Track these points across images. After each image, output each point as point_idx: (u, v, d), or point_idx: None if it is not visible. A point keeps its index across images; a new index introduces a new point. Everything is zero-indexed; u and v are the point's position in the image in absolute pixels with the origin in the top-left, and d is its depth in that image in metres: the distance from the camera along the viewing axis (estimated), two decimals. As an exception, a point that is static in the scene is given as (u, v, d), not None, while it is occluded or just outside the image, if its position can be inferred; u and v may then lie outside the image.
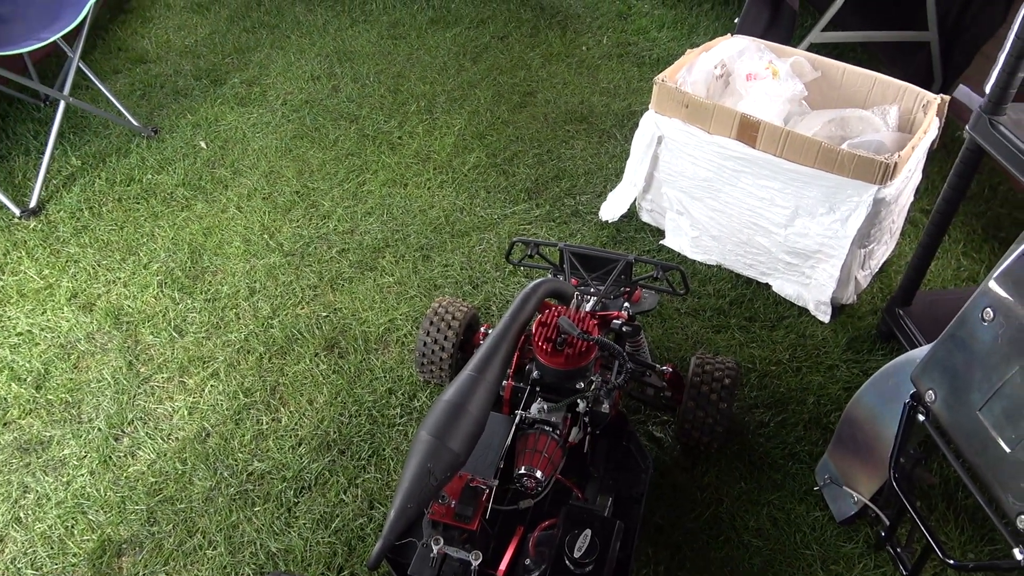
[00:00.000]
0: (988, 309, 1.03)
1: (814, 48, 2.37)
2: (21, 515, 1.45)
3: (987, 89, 1.39)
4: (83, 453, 1.55)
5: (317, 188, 2.24)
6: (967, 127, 1.44)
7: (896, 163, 1.62)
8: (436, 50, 2.92)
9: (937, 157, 2.21)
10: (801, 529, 1.42)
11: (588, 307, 1.47)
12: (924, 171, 1.90)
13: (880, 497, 1.33)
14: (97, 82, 2.42)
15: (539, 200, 2.20)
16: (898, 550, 1.22)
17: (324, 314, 1.84)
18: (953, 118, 2.36)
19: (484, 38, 3.00)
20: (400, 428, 1.59)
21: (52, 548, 1.39)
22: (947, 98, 1.84)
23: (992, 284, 1.03)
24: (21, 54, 2.10)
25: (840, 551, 1.39)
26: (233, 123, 2.52)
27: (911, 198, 1.90)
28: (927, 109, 1.86)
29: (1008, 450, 0.97)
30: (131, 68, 2.81)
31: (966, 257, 2.02)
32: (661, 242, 2.05)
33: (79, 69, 2.32)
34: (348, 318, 1.83)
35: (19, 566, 1.37)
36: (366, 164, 2.34)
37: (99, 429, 1.59)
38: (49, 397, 1.65)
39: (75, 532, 1.42)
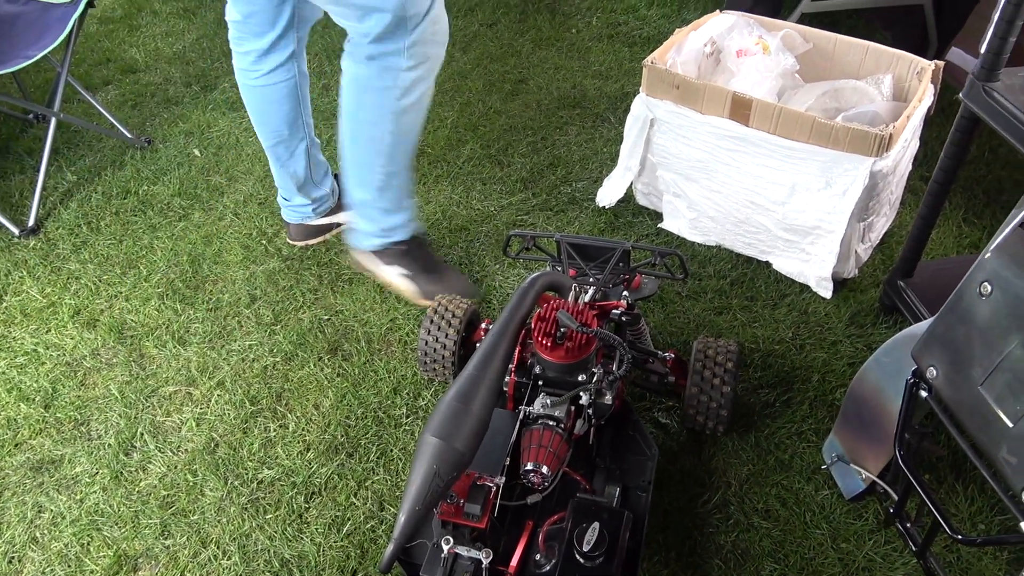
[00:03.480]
0: (986, 283, 1.02)
1: (805, 18, 2.35)
2: (37, 535, 1.46)
3: (981, 51, 1.37)
4: (95, 470, 1.56)
5: (312, 190, 2.24)
6: (961, 94, 1.42)
7: (891, 134, 1.60)
8: (425, 42, 2.90)
9: (935, 122, 2.19)
10: (810, 508, 1.42)
11: (587, 297, 1.46)
12: (921, 138, 1.88)
13: (888, 473, 1.33)
14: (87, 95, 2.42)
15: (535, 189, 2.19)
16: (907, 526, 1.22)
17: (326, 317, 1.85)
18: (949, 81, 2.33)
19: (472, 26, 2.98)
20: (407, 428, 1.60)
21: (69, 566, 1.41)
22: (941, 64, 1.81)
23: (988, 258, 1.02)
24: (9, 74, 2.10)
25: (850, 529, 1.39)
26: (226, 129, 2.51)
27: (909, 167, 1.88)
28: (921, 76, 1.84)
29: (1011, 424, 0.97)
30: (121, 79, 2.81)
31: (967, 224, 2.00)
32: (659, 225, 2.04)
33: (69, 83, 2.31)
34: (350, 320, 1.84)
35: (39, 585, 1.39)
36: (360, 163, 2.33)
37: (109, 445, 1.60)
38: (58, 415, 1.67)
39: (91, 549, 1.43)
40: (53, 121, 2.24)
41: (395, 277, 1.82)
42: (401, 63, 1.51)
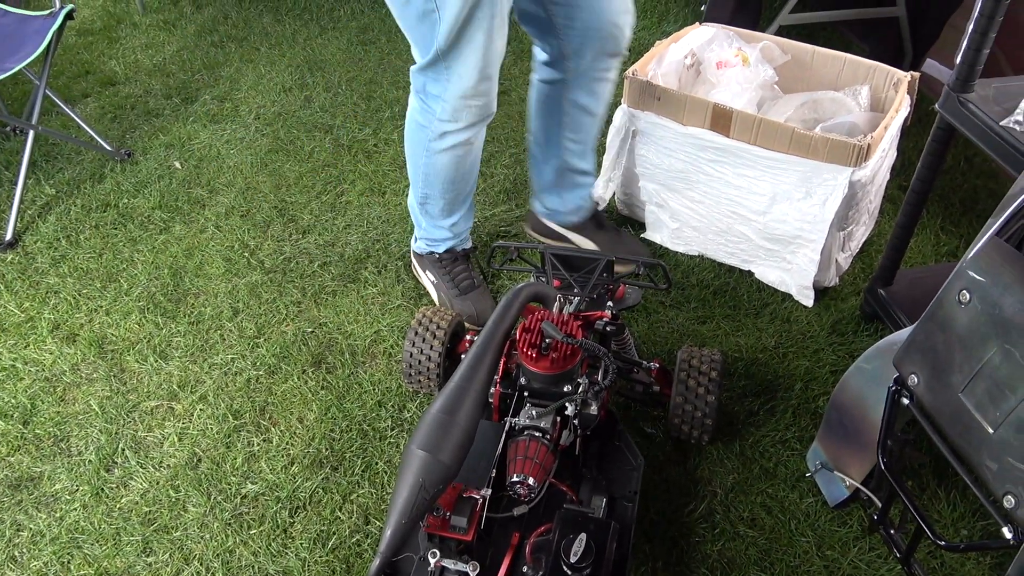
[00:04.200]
0: (964, 291, 1.04)
1: (783, 30, 2.38)
2: (16, 554, 1.44)
3: (956, 63, 1.39)
4: (75, 487, 1.54)
5: (295, 202, 2.23)
6: (936, 105, 1.44)
7: (869, 144, 1.62)
8: (407, 54, 2.90)
9: (912, 132, 2.22)
10: (795, 516, 1.43)
11: (572, 308, 1.47)
12: (899, 148, 1.91)
13: (872, 480, 1.34)
14: (66, 108, 2.40)
15: (518, 200, 2.20)
16: (891, 532, 1.23)
17: (309, 330, 1.84)
18: (925, 91, 2.37)
19: (454, 39, 2.98)
20: (392, 441, 1.59)
21: (49, 585, 1.39)
22: (917, 75, 1.84)
23: (966, 266, 1.04)
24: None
25: (835, 536, 1.40)
26: (207, 141, 2.50)
27: (887, 177, 1.91)
28: (897, 87, 1.86)
29: (991, 430, 0.98)
30: (100, 91, 2.79)
31: (945, 232, 2.03)
32: (642, 235, 2.05)
33: (47, 96, 2.29)
34: (334, 332, 1.83)
35: (17, 605, 1.37)
36: (343, 174, 2.33)
37: (89, 461, 1.58)
38: (37, 432, 1.64)
39: (71, 568, 1.41)
40: (31, 134, 2.22)
41: (426, 282, 1.91)
42: (437, 109, 1.59)
